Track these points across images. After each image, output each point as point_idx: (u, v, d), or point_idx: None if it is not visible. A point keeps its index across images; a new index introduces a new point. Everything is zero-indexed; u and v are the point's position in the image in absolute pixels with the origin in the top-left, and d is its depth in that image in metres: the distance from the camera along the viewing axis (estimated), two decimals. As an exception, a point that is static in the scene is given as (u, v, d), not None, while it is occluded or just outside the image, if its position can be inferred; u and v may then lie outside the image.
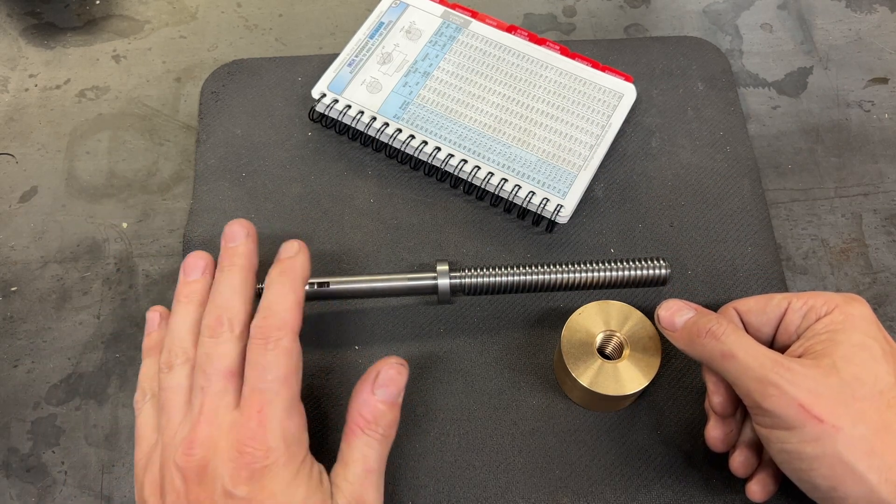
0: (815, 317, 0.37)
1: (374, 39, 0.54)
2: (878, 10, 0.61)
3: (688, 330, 0.39)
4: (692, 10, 0.61)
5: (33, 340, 0.47)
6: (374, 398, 0.37)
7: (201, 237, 0.49)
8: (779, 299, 0.39)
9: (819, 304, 0.37)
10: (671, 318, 0.40)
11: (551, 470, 0.43)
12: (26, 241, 0.50)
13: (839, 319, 0.36)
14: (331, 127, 0.54)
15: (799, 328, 0.38)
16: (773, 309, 0.39)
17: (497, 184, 0.49)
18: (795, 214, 0.51)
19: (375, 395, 0.37)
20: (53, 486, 0.43)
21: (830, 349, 0.35)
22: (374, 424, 0.37)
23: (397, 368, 0.38)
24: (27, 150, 0.54)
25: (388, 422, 0.37)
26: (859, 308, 0.37)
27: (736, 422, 0.40)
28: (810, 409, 0.33)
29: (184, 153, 0.54)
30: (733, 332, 0.37)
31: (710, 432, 0.40)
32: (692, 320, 0.39)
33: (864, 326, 0.36)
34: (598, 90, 0.52)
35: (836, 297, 0.37)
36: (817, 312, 0.37)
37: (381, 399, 0.37)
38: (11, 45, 0.59)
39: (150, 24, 0.60)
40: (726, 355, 0.36)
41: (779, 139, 0.54)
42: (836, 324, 0.36)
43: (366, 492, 0.35)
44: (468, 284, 0.45)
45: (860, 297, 0.37)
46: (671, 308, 0.40)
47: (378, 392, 0.37)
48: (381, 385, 0.37)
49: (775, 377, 0.34)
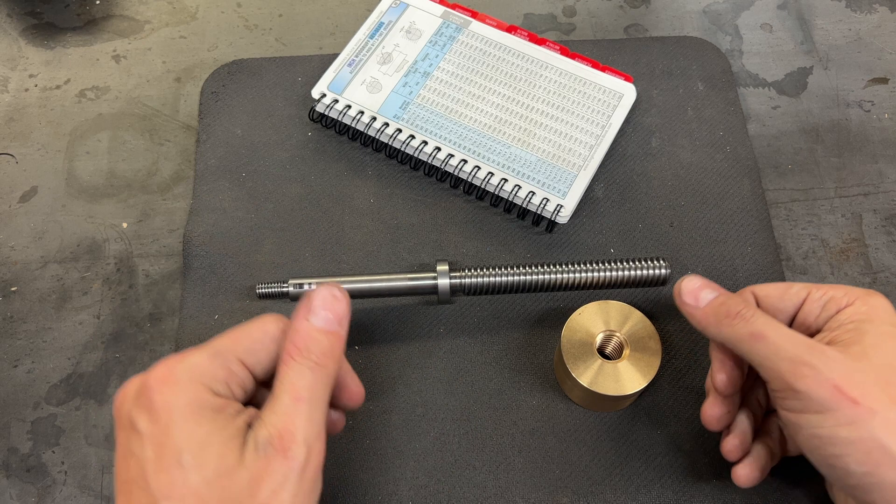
0: (836, 308, 0.36)
1: (374, 39, 0.54)
2: (878, 10, 0.61)
3: (714, 310, 0.37)
4: (692, 10, 0.61)
5: (33, 340, 0.47)
6: (306, 324, 0.34)
7: (201, 237, 0.49)
8: (798, 288, 0.38)
9: (839, 295, 0.37)
10: (696, 294, 0.38)
11: (551, 470, 0.43)
12: (26, 241, 0.50)
13: (863, 310, 0.36)
14: (331, 127, 0.54)
15: (819, 319, 0.37)
16: (791, 297, 0.38)
17: (497, 184, 0.49)
18: (795, 214, 0.51)
19: (308, 321, 0.34)
20: (53, 486, 0.43)
21: (858, 338, 0.34)
22: (306, 351, 0.33)
23: (332, 292, 0.35)
24: (27, 150, 0.54)
25: (321, 349, 0.34)
26: (881, 300, 0.36)
27: (734, 403, 0.40)
28: (846, 390, 0.32)
29: (184, 153, 0.54)
30: (763, 315, 0.36)
31: (707, 410, 0.39)
32: (719, 301, 0.38)
33: (889, 317, 0.35)
34: (598, 90, 0.52)
35: (855, 289, 0.37)
36: (838, 304, 0.36)
37: (314, 325, 0.34)
38: (11, 45, 0.59)
39: (150, 24, 0.60)
40: (756, 336, 0.35)
41: (779, 139, 0.54)
42: (860, 314, 0.35)
43: (293, 422, 0.32)
44: (468, 284, 0.45)
45: (878, 292, 0.37)
46: (694, 284, 0.39)
47: (311, 318, 0.34)
48: (314, 310, 0.34)
49: (809, 357, 0.33)
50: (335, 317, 0.35)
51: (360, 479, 0.42)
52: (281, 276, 0.48)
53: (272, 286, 0.45)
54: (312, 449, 0.32)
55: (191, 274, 0.48)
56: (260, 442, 0.31)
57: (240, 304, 0.47)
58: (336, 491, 0.42)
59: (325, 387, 0.34)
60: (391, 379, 0.45)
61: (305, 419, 0.32)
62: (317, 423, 0.33)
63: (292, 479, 0.31)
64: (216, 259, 0.49)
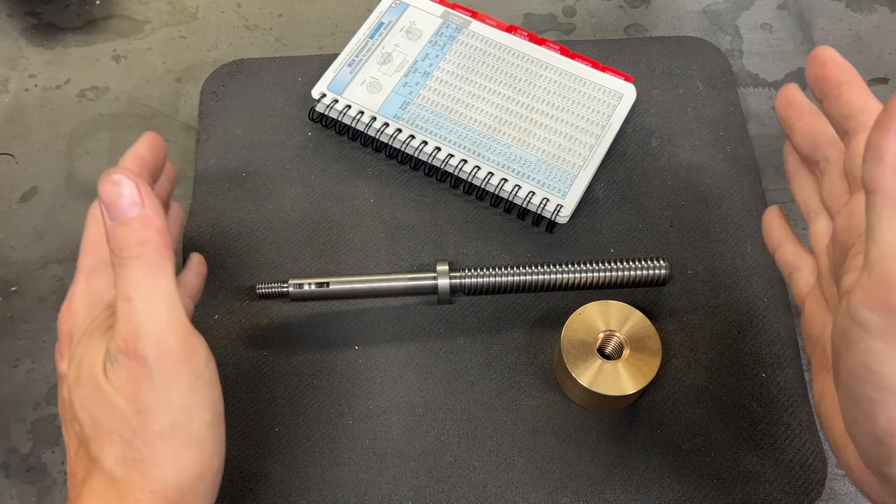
0: None
1: (374, 39, 0.54)
2: (878, 10, 0.60)
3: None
4: (692, 10, 0.61)
5: (33, 340, 0.47)
6: (109, 225, 0.31)
7: (201, 237, 0.49)
8: None
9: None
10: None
11: (551, 470, 0.43)
12: (26, 241, 0.50)
13: None
14: (331, 127, 0.54)
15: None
16: None
17: (497, 184, 0.49)
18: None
19: (109, 221, 0.31)
20: (53, 486, 0.43)
21: None
22: (118, 251, 0.31)
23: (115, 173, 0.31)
24: (27, 150, 0.54)
25: (131, 242, 0.31)
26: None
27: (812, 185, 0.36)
28: None
29: (184, 153, 0.54)
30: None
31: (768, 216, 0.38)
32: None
33: None
34: (598, 90, 0.52)
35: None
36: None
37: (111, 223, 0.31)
38: (11, 45, 0.59)
39: (150, 24, 0.60)
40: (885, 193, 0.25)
41: (779, 139, 0.54)
42: None
43: (131, 323, 0.30)
44: (468, 284, 0.45)
45: None
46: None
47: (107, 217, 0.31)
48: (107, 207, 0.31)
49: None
50: (129, 201, 0.31)
51: (360, 479, 0.42)
52: (281, 276, 0.48)
53: (272, 286, 0.45)
54: (164, 341, 0.30)
55: (191, 274, 0.48)
56: (112, 355, 0.31)
57: (240, 304, 0.47)
58: (336, 491, 0.42)
59: (153, 276, 0.31)
60: (391, 379, 0.45)
61: (145, 316, 0.30)
62: (161, 315, 0.30)
63: (156, 378, 0.30)
64: (216, 259, 0.49)
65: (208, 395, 0.32)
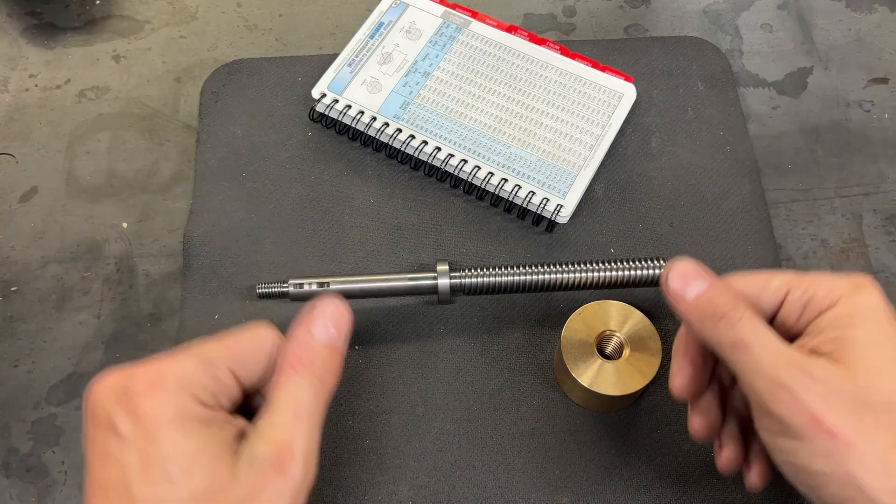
0: (817, 310, 0.33)
1: (374, 39, 0.54)
2: (878, 10, 0.61)
3: (700, 308, 0.34)
4: (692, 10, 0.61)
5: (33, 340, 0.47)
6: (309, 336, 0.33)
7: (201, 237, 0.50)
8: (777, 284, 0.34)
9: (821, 294, 0.33)
10: (682, 290, 0.35)
11: (551, 470, 0.43)
12: (26, 241, 0.50)
13: (845, 314, 0.32)
14: (331, 127, 0.54)
15: (799, 322, 0.34)
16: (770, 296, 0.35)
17: (497, 184, 0.49)
18: (795, 214, 0.51)
19: (312, 334, 0.33)
20: (53, 486, 0.43)
21: (840, 351, 0.31)
22: (310, 365, 0.32)
23: (338, 308, 0.33)
24: (27, 150, 0.54)
25: (324, 364, 0.32)
26: (867, 298, 0.32)
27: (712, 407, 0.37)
28: (823, 421, 0.29)
29: (184, 153, 0.54)
30: (750, 320, 0.32)
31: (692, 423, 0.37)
32: (706, 297, 0.34)
33: (875, 321, 0.32)
34: (598, 90, 0.52)
35: (840, 283, 0.33)
36: (819, 305, 0.33)
37: (318, 338, 0.33)
38: (11, 45, 0.59)
39: (150, 24, 0.60)
40: (739, 346, 0.32)
41: (779, 139, 0.54)
42: (842, 319, 0.32)
43: (293, 439, 0.30)
44: (468, 284, 0.45)
45: (868, 280, 0.33)
46: (684, 275, 0.35)
47: (315, 331, 0.33)
48: (319, 323, 0.33)
49: (789, 380, 0.30)
50: (339, 333, 0.33)
51: (360, 479, 0.42)
52: (281, 276, 0.48)
53: (272, 286, 0.45)
54: (309, 467, 0.31)
55: (191, 274, 0.48)
56: (257, 457, 0.30)
57: (240, 304, 0.47)
58: (336, 491, 0.42)
59: (324, 405, 0.32)
60: (391, 379, 0.45)
61: (305, 436, 0.31)
62: (315, 441, 0.31)
63: (287, 497, 0.30)
64: (216, 259, 0.49)
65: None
